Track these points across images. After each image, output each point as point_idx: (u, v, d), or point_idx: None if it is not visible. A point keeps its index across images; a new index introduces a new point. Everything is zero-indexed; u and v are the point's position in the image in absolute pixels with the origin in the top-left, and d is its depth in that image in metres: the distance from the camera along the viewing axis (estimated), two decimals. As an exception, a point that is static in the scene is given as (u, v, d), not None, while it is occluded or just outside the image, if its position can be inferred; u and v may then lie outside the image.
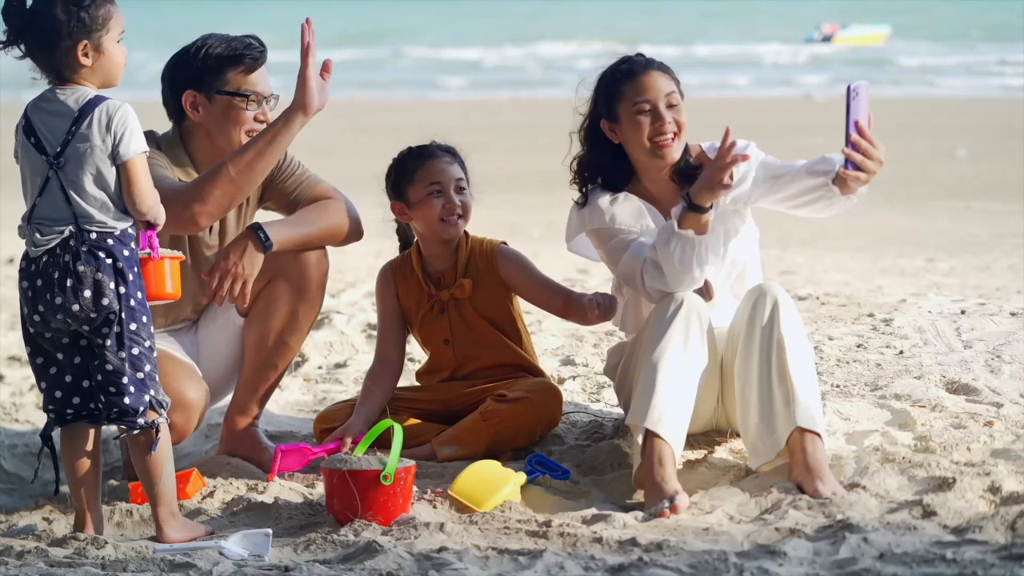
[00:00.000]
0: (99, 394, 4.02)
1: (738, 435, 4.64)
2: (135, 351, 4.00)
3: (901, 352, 5.91)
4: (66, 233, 3.94)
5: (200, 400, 4.62)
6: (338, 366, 6.34)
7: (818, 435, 4.31)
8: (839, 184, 4.45)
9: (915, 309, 6.80)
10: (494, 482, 4.31)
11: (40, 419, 5.57)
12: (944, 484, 4.21)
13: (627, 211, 4.62)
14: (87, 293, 3.94)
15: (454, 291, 4.98)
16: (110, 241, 3.96)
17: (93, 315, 3.96)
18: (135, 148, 3.96)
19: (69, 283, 3.94)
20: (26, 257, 4.01)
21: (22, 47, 4.01)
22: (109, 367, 3.99)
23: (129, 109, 3.99)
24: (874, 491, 4.21)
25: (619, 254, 4.59)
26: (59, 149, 3.95)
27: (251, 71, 4.70)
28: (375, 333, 6.82)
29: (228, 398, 4.98)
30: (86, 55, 3.97)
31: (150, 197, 4.00)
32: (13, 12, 3.99)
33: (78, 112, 3.95)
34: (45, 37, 3.96)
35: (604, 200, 4.64)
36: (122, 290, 3.96)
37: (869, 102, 4.40)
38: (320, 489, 4.44)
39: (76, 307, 3.94)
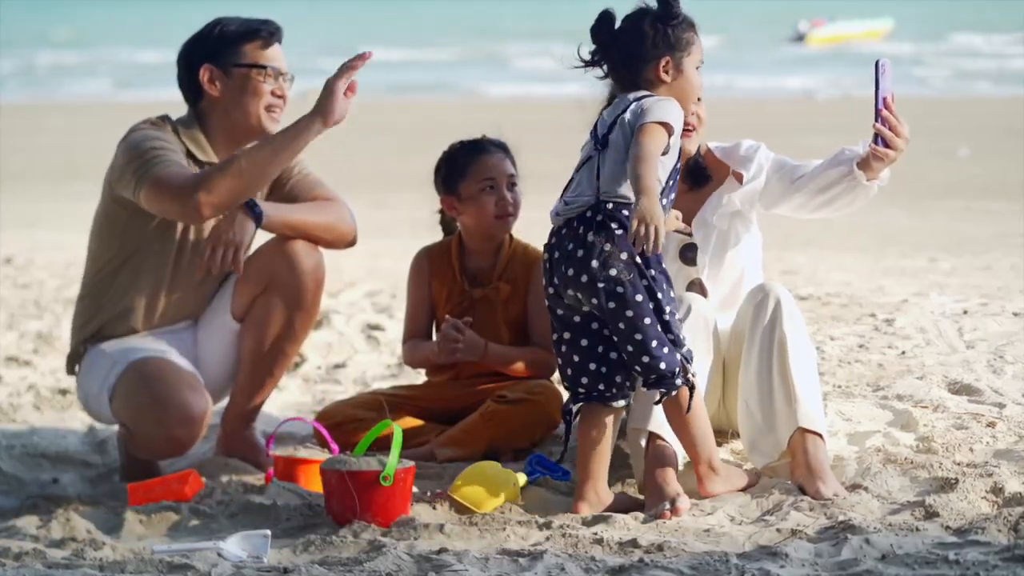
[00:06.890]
0: (632, 364, 4.05)
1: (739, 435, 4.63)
2: (666, 316, 4.03)
3: (903, 352, 5.90)
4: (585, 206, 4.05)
5: (203, 412, 4.59)
6: (337, 366, 6.33)
7: (820, 436, 4.30)
8: (864, 167, 4.42)
9: (917, 309, 6.78)
10: (494, 483, 4.30)
11: (37, 420, 5.57)
12: (946, 485, 4.20)
13: None
14: (594, 264, 4.00)
15: (488, 292, 4.95)
16: (625, 212, 4.01)
17: (601, 285, 4.01)
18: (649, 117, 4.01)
19: (580, 255, 4.02)
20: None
21: (604, 66, 4.14)
22: (638, 336, 4.02)
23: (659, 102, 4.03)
24: (876, 492, 4.20)
25: None
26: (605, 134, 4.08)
27: (267, 46, 4.72)
28: (375, 333, 6.82)
29: (226, 399, 4.96)
30: (667, 71, 4.10)
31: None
32: (602, 29, 4.12)
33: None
34: (630, 51, 4.09)
35: None
36: (636, 258, 4.00)
37: (892, 80, 4.40)
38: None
39: (585, 278, 4.02)
